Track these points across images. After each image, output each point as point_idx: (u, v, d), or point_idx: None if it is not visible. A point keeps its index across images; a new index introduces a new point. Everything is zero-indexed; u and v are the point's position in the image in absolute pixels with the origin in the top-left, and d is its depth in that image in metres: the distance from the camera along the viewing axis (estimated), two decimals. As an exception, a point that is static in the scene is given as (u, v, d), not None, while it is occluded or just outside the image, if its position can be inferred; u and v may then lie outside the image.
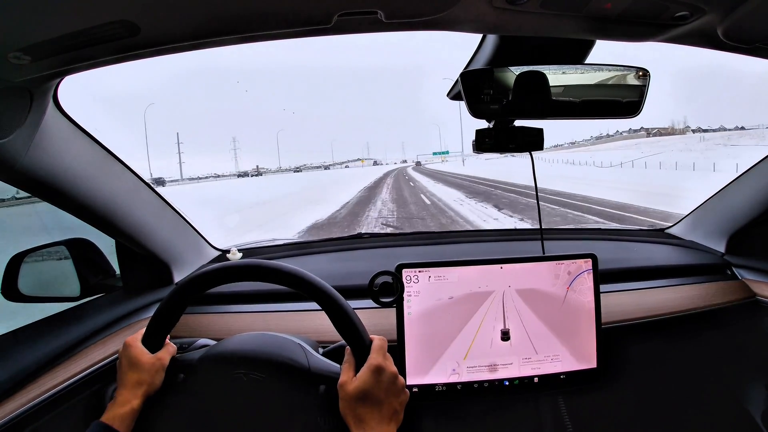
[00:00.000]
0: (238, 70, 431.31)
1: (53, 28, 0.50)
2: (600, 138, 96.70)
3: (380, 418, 0.62)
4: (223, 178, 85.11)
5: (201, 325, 1.00)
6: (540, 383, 0.93)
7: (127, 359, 0.68)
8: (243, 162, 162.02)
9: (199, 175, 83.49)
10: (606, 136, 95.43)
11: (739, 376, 1.14)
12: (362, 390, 0.62)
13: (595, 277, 0.94)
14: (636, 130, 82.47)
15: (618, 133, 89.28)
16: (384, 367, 0.64)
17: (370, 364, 0.64)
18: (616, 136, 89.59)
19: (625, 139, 76.82)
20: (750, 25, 0.59)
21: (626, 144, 56.54)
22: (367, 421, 0.61)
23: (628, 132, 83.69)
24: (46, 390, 0.73)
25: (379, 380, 0.63)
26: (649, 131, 79.73)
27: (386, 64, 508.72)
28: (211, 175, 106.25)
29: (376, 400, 0.63)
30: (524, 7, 0.54)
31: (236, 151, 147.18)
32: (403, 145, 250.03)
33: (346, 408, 0.63)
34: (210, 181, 71.73)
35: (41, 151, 0.68)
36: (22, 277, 0.93)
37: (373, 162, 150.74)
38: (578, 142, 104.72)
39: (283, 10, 0.53)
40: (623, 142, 68.11)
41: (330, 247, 1.40)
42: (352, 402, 0.62)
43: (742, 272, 1.15)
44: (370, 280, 0.85)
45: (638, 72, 0.79)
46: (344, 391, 0.63)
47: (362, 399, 0.62)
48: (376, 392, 0.63)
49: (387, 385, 0.64)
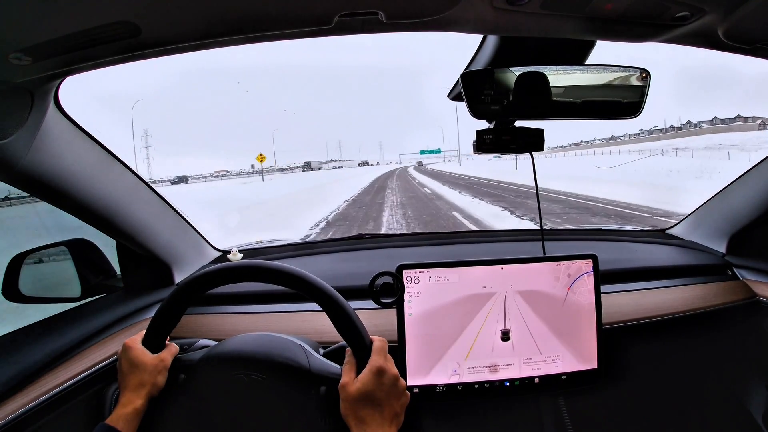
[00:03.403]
0: (229, 68, 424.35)
1: (54, 29, 0.50)
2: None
3: (381, 420, 0.62)
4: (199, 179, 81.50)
5: (202, 326, 1.00)
6: (541, 384, 0.93)
7: (128, 361, 0.68)
8: (236, 162, 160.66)
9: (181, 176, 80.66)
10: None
11: (740, 376, 1.14)
12: (364, 392, 0.62)
13: (595, 278, 0.94)
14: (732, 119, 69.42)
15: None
16: (385, 369, 0.65)
17: (371, 365, 0.64)
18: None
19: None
20: (750, 25, 0.59)
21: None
22: (368, 423, 0.61)
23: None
24: (47, 390, 0.73)
25: (380, 382, 0.63)
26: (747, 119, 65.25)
27: (385, 63, 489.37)
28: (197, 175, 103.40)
29: (378, 401, 0.63)
30: (524, 7, 0.54)
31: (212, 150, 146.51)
32: (381, 146, 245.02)
33: (347, 409, 0.62)
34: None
35: (42, 151, 0.68)
36: (22, 277, 0.93)
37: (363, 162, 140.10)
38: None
39: (284, 11, 0.53)
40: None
41: (331, 248, 1.40)
42: (353, 403, 0.62)
43: (742, 273, 1.14)
44: (371, 281, 0.85)
45: (639, 73, 0.79)
46: (346, 392, 0.63)
47: (364, 400, 0.62)
48: (377, 394, 0.63)
49: (388, 387, 0.64)
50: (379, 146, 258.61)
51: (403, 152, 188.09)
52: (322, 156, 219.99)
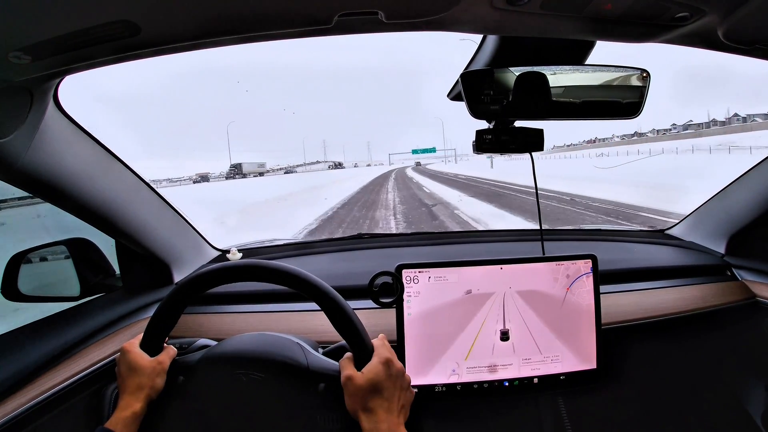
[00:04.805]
0: (220, 66, 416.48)
1: (54, 28, 0.50)
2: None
3: (390, 409, 0.63)
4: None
5: (201, 326, 1.00)
6: (540, 384, 0.93)
7: (126, 365, 0.68)
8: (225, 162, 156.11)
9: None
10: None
11: (739, 377, 1.14)
12: (374, 381, 0.63)
13: (595, 278, 0.94)
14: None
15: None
16: (393, 361, 0.66)
17: (379, 356, 0.66)
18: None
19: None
20: (750, 26, 0.59)
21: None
22: (377, 413, 0.62)
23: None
24: (46, 390, 0.73)
25: (389, 372, 0.65)
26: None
27: (372, 57, 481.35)
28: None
29: (386, 391, 0.64)
30: (524, 7, 0.54)
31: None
32: (369, 146, 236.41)
33: (355, 401, 0.63)
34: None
35: (41, 150, 0.68)
36: (21, 276, 0.93)
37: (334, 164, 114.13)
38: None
39: (284, 11, 0.53)
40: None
41: (330, 248, 1.40)
42: (362, 394, 0.63)
43: (741, 273, 1.15)
44: (370, 281, 0.85)
45: (639, 73, 0.80)
46: (353, 384, 0.63)
47: (374, 391, 0.63)
48: (386, 384, 0.64)
49: (396, 377, 0.66)
50: (367, 146, 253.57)
51: (393, 152, 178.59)
52: (299, 158, 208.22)
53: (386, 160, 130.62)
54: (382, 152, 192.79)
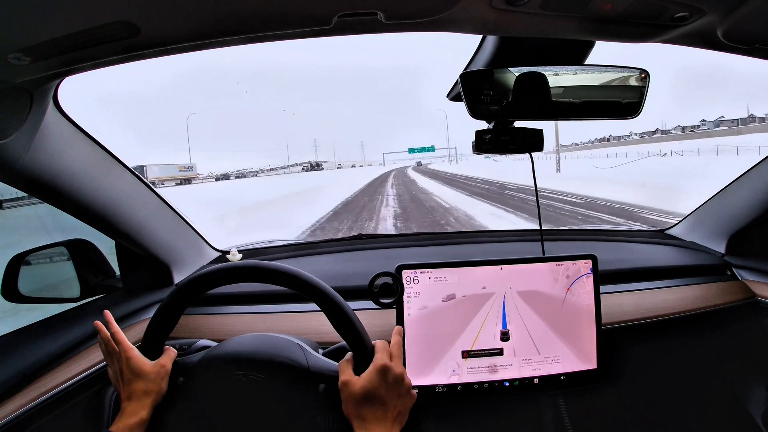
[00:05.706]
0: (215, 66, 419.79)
1: (53, 29, 0.50)
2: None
3: (384, 419, 0.62)
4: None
5: (201, 326, 1.00)
6: (540, 384, 0.93)
7: (130, 370, 0.67)
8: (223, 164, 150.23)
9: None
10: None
11: (739, 376, 1.14)
12: (367, 390, 0.62)
13: (595, 278, 0.94)
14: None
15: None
16: (390, 367, 0.64)
17: (376, 363, 0.64)
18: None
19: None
20: (749, 26, 0.59)
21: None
22: (370, 422, 0.61)
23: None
24: (47, 390, 0.73)
25: (385, 381, 0.63)
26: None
27: (365, 54, 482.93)
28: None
29: (381, 400, 0.62)
30: (524, 8, 0.54)
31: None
32: (362, 146, 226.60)
33: (349, 408, 0.62)
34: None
35: (41, 151, 0.68)
36: (22, 277, 0.93)
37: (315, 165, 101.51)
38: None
39: (283, 11, 0.53)
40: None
41: (330, 248, 1.40)
42: (355, 402, 0.62)
43: (742, 273, 1.14)
44: (370, 281, 0.85)
45: (638, 73, 0.80)
46: (348, 391, 0.62)
47: (367, 399, 0.62)
48: (381, 392, 0.62)
49: (393, 385, 0.64)
50: (361, 146, 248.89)
51: (387, 151, 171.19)
52: (283, 159, 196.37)
53: (381, 159, 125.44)
54: (376, 152, 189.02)
